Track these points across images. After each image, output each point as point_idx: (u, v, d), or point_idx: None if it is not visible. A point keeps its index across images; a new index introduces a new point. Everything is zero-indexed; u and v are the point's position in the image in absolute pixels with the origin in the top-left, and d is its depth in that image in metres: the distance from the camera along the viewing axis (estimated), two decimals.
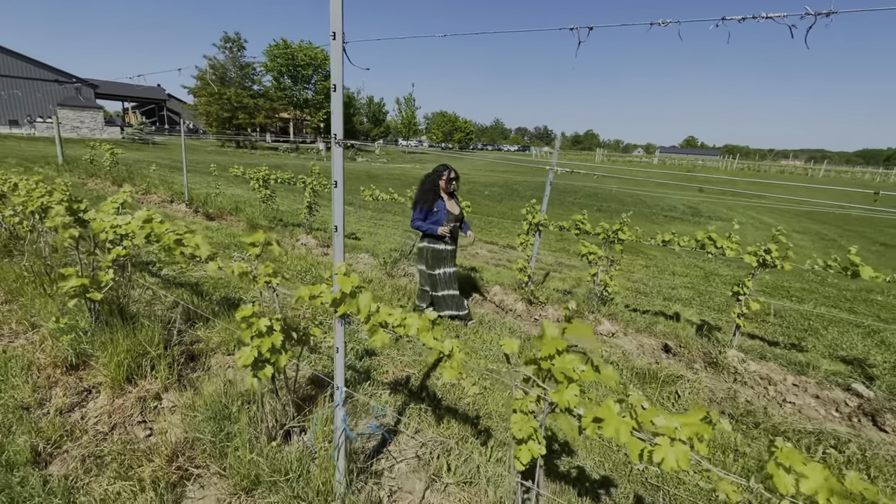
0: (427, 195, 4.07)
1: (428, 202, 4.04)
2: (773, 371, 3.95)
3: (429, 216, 4.04)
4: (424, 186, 4.13)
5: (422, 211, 4.04)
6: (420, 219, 4.06)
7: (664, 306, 5.60)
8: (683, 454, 1.01)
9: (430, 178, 4.14)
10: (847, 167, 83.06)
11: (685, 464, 1.01)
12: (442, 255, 4.15)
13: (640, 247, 9.12)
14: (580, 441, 2.66)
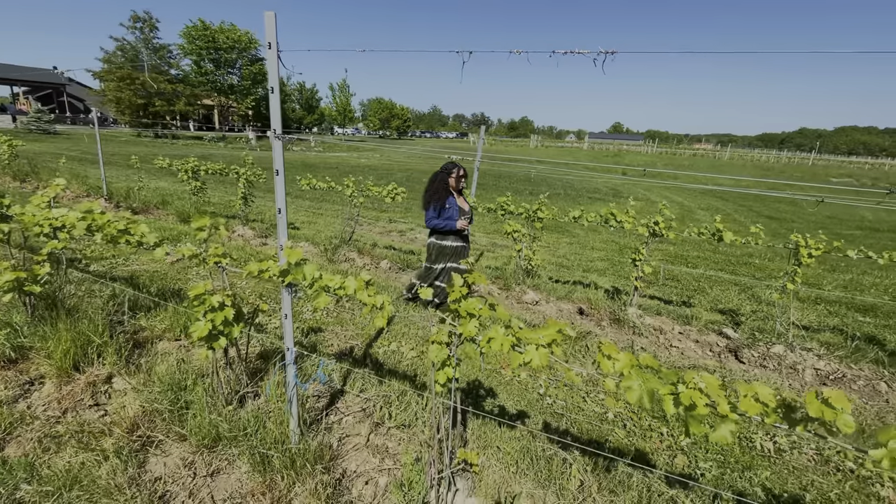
0: (439, 193, 4.10)
1: (441, 200, 4.07)
2: (665, 323, 4.71)
3: (442, 213, 4.09)
4: (435, 185, 4.14)
5: (435, 209, 4.08)
6: (434, 217, 4.09)
7: (583, 277, 6.31)
8: (544, 354, 1.45)
9: (440, 175, 4.16)
10: (748, 149, 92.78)
11: (545, 360, 1.45)
12: (447, 252, 4.20)
13: (565, 226, 9.95)
14: (502, 387, 3.14)
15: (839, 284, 6.82)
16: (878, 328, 4.99)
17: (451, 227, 4.11)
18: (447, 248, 4.20)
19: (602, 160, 35.30)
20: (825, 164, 49.85)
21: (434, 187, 4.15)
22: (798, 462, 2.64)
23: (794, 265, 4.09)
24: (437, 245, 4.21)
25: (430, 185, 4.21)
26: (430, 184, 4.22)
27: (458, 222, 4.11)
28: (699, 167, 33.72)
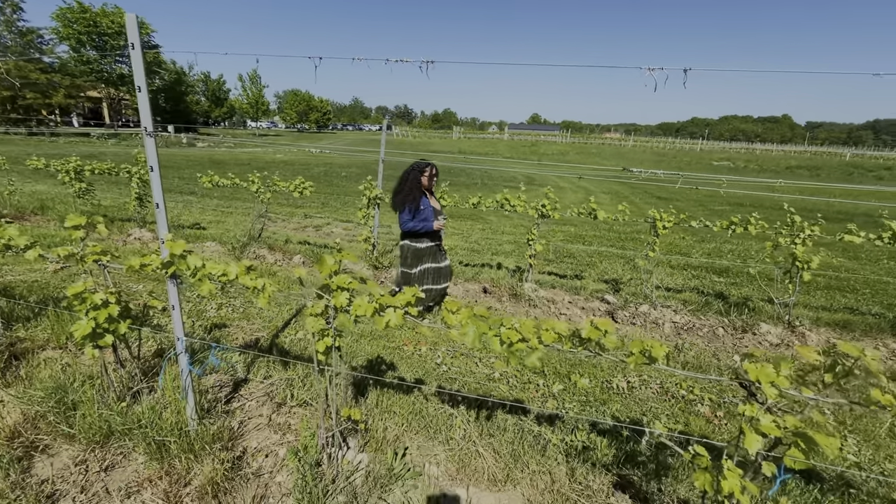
0: (413, 193, 3.93)
1: (415, 201, 3.91)
2: (557, 295, 5.29)
3: (416, 214, 3.93)
4: (408, 185, 3.95)
5: (410, 211, 3.91)
6: (409, 219, 3.93)
7: (491, 259, 6.79)
8: (399, 315, 1.72)
9: (412, 174, 3.98)
10: (650, 137, 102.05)
11: (400, 320, 1.72)
12: (422, 253, 4.09)
13: (479, 214, 10.49)
14: (403, 361, 3.42)
15: (704, 252, 8.00)
16: (726, 286, 5.99)
17: (428, 228, 3.97)
18: (422, 250, 4.07)
19: (520, 150, 36.98)
20: (710, 150, 56.36)
21: (407, 187, 3.94)
22: (643, 395, 3.22)
23: (653, 236, 4.80)
24: (412, 248, 4.07)
25: (402, 184, 3.98)
26: (401, 183, 4.00)
27: (435, 223, 4.00)
28: (605, 155, 36.66)
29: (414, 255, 4.11)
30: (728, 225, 4.62)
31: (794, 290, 4.43)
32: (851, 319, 4.92)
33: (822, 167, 34.39)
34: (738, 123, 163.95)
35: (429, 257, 4.15)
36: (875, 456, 2.73)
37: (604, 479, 2.33)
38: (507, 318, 1.66)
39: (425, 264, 4.15)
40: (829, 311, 5.23)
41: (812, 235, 4.32)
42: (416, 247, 4.09)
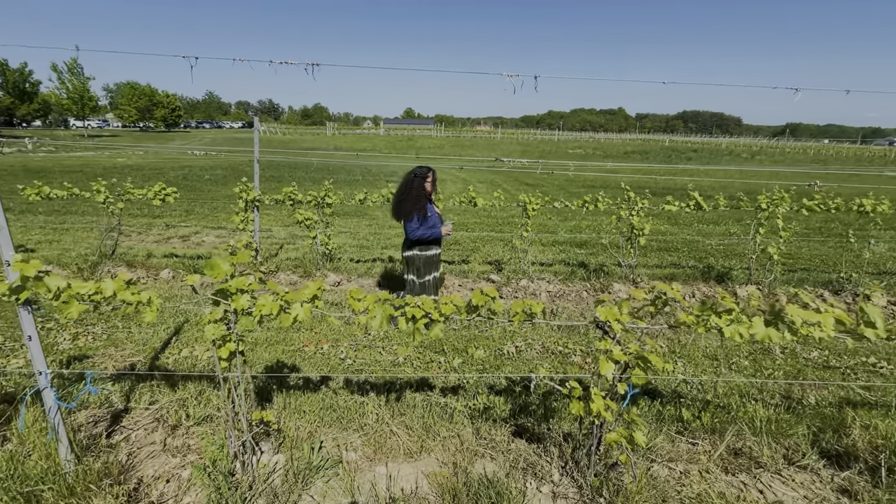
0: (420, 201, 3.84)
1: (423, 208, 3.83)
2: (447, 279, 5.64)
3: (423, 222, 3.83)
4: (414, 192, 3.84)
5: (418, 219, 3.81)
6: (418, 227, 3.82)
7: (381, 254, 6.90)
8: (307, 308, 1.79)
9: (415, 182, 3.87)
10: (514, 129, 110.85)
11: (308, 313, 1.78)
12: (433, 260, 4.02)
13: (365, 210, 10.47)
14: (306, 361, 3.40)
15: (567, 229, 9.16)
16: (586, 256, 6.98)
17: (437, 235, 3.93)
18: (434, 256, 4.01)
19: (398, 145, 37.30)
20: (566, 140, 63.44)
21: (412, 195, 3.85)
22: (529, 356, 3.70)
23: (525, 218, 5.41)
24: (423, 256, 3.97)
25: (406, 192, 3.88)
26: (405, 192, 3.90)
27: (443, 229, 4.00)
28: (478, 147, 38.96)
29: (426, 264, 4.01)
30: (582, 204, 5.42)
31: (634, 254, 5.41)
32: (676, 272, 6.17)
33: (650, 151, 41.27)
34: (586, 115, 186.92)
35: (436, 265, 4.10)
36: (696, 372, 3.56)
37: (504, 431, 2.67)
38: (409, 298, 1.83)
39: (434, 272, 4.09)
40: (661, 268, 6.46)
41: (643, 208, 5.31)
42: (426, 255, 3.99)
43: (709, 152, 42.03)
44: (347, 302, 1.82)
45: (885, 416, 2.77)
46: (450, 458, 2.46)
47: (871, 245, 6.08)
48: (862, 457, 2.44)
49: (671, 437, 2.69)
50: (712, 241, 8.36)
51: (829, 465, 2.48)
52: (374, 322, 1.80)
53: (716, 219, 10.51)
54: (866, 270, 6.29)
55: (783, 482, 2.35)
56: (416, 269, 4.01)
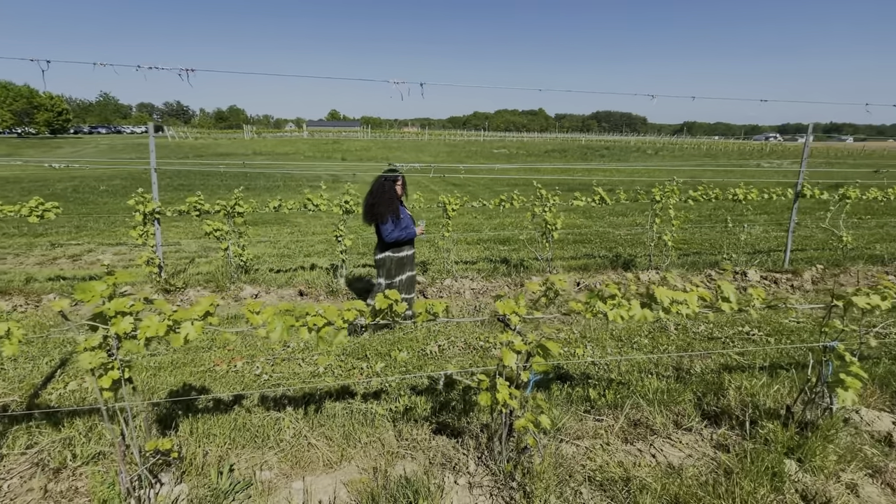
0: (393, 204, 3.96)
1: (396, 211, 3.95)
2: (371, 284, 5.60)
3: (397, 224, 3.95)
4: (386, 196, 3.96)
5: (392, 221, 3.93)
6: (393, 229, 3.93)
7: (304, 262, 6.68)
8: (199, 326, 1.70)
9: (386, 185, 4.00)
10: (442, 130, 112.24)
11: (200, 331, 1.70)
12: (405, 262, 4.16)
13: (286, 217, 10.05)
14: (217, 381, 3.21)
15: (491, 227, 9.47)
16: (508, 252, 7.27)
17: (411, 235, 4.07)
18: (406, 258, 4.15)
19: (323, 148, 36.17)
20: (491, 140, 65.39)
21: (385, 199, 3.96)
22: (452, 353, 3.79)
23: (446, 218, 5.52)
24: (396, 258, 4.10)
25: (379, 196, 3.98)
26: (377, 195, 3.99)
27: (417, 228, 4.16)
28: (405, 149, 38.90)
29: (398, 265, 4.14)
30: (499, 202, 5.64)
31: (549, 248, 5.73)
32: (588, 262, 6.63)
33: (568, 149, 43.83)
34: (509, 116, 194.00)
35: (409, 265, 4.24)
36: (603, 353, 3.86)
37: (425, 430, 2.71)
38: (310, 307, 1.81)
39: (407, 272, 4.22)
40: (576, 259, 6.91)
41: (555, 204, 5.64)
42: (398, 256, 4.12)
43: (619, 149, 45.54)
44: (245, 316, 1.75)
45: (751, 377, 3.20)
46: (370, 463, 2.45)
47: (746, 229, 6.97)
48: (735, 414, 2.80)
49: (580, 416, 2.89)
50: (621, 231, 9.08)
51: (710, 424, 2.82)
52: (273, 335, 1.76)
53: (624, 211, 11.43)
54: (744, 250, 7.21)
55: (672, 445, 2.64)
56: (387, 271, 4.13)
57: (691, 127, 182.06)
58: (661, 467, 2.44)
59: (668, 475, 2.35)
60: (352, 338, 3.98)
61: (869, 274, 6.41)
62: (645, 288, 1.98)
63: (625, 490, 2.23)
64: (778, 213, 11.02)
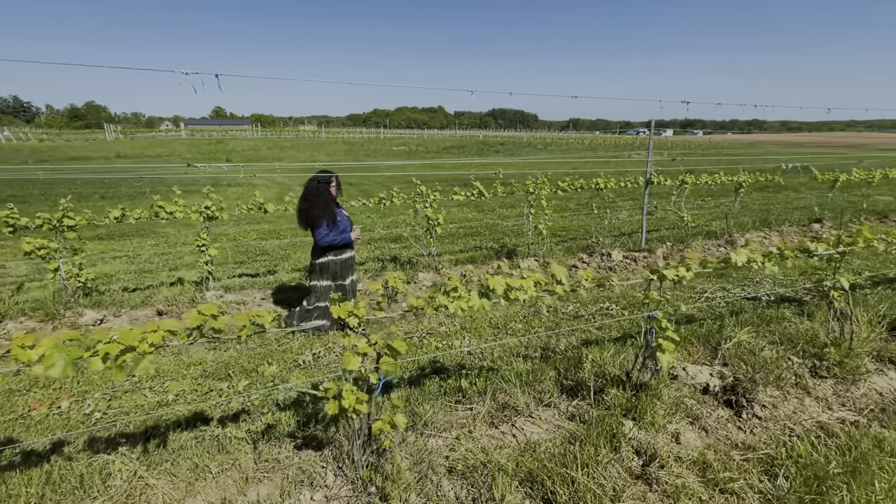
0: (328, 206, 3.88)
1: (331, 214, 3.86)
2: (249, 295, 5.18)
3: (333, 228, 3.85)
4: (321, 198, 3.88)
5: (328, 225, 3.83)
6: (328, 232, 3.83)
7: (170, 276, 5.96)
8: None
9: (321, 187, 3.92)
10: (341, 128, 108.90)
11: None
12: (349, 263, 4.11)
13: (151, 227, 8.92)
14: (34, 427, 2.69)
15: (384, 225, 9.37)
16: (399, 250, 7.24)
17: (347, 240, 3.97)
18: (349, 259, 4.10)
19: (204, 149, 32.88)
20: (391, 137, 65.01)
21: (320, 202, 3.86)
22: (328, 360, 3.63)
23: None
24: (338, 261, 4.00)
25: (313, 199, 3.88)
26: (311, 198, 3.89)
27: (353, 233, 4.04)
28: (299, 148, 36.97)
29: (343, 267, 4.06)
30: (379, 200, 5.56)
31: (434, 243, 5.80)
32: (476, 255, 6.85)
33: (466, 145, 45.24)
34: (409, 113, 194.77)
35: (352, 269, 4.18)
36: (479, 342, 3.99)
37: (289, 447, 2.55)
38: (102, 333, 1.55)
39: (352, 276, 4.17)
40: (464, 252, 7.10)
41: (436, 200, 5.71)
42: (342, 258, 4.04)
43: (513, 144, 48.19)
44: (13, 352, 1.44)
45: (604, 349, 3.53)
46: (220, 494, 2.23)
47: (610, 214, 7.75)
48: (588, 385, 3.06)
49: (451, 407, 2.94)
50: (509, 223, 9.56)
51: (568, 398, 3.04)
52: (53, 371, 1.48)
53: (513, 203, 12.06)
54: (611, 234, 8.01)
55: (533, 422, 2.80)
56: (334, 273, 4.04)
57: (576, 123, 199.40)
58: (521, 446, 2.57)
59: (525, 452, 2.48)
60: (215, 356, 3.62)
61: (706, 247, 7.53)
62: (481, 279, 2.04)
63: (485, 475, 2.30)
64: (640, 199, 12.49)
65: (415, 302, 1.98)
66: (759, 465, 2.42)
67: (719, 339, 3.67)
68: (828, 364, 3.32)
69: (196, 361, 3.55)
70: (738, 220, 8.81)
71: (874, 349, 3.55)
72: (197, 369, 3.44)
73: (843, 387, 3.19)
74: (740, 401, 2.97)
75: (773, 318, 4.13)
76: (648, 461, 2.41)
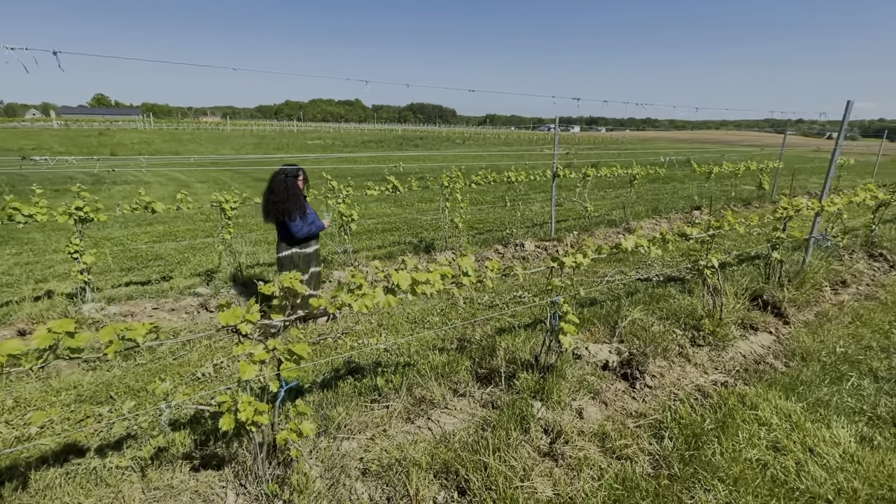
0: (300, 200, 3.91)
1: (303, 207, 3.91)
2: (137, 305, 4.63)
3: (305, 220, 3.91)
4: (291, 192, 3.86)
5: (301, 217, 3.88)
6: (303, 225, 3.89)
7: (36, 289, 5.12)
8: None
9: (288, 182, 3.89)
10: (249, 120, 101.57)
11: None
12: (312, 256, 4.12)
13: (12, 233, 7.60)
14: None
15: None
16: None
17: (321, 228, 4.08)
18: (312, 253, 4.11)
19: (82, 142, 28.80)
20: (305, 131, 62.07)
21: (290, 195, 3.86)
22: (232, 370, 3.36)
23: (225, 219, 4.88)
24: (301, 254, 4.03)
25: (282, 193, 3.85)
26: (280, 192, 3.85)
27: (325, 221, 4.16)
28: (201, 141, 33.84)
29: (305, 260, 4.06)
30: None
31: (348, 240, 5.63)
32: (394, 250, 6.78)
33: (385, 140, 44.63)
34: (325, 106, 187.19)
35: (315, 261, 4.16)
36: (396, 338, 3.95)
37: (184, 469, 2.31)
38: None
39: (312, 268, 4.14)
40: (382, 248, 6.99)
41: (349, 195, 5.54)
42: (305, 252, 4.06)
43: (432, 139, 48.52)
44: None
45: (516, 336, 3.68)
46: None
47: (522, 207, 8.11)
48: (502, 371, 3.16)
49: (367, 407, 2.87)
50: (427, 217, 9.59)
51: (482, 386, 3.12)
52: None
53: (431, 197, 12.12)
54: (525, 225, 8.39)
55: (449, 413, 2.83)
56: (296, 267, 3.99)
57: (493, 119, 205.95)
58: (436, 438, 2.59)
59: (440, 444, 2.50)
60: (95, 377, 3.17)
61: (607, 234, 8.18)
62: (386, 275, 2.00)
63: (400, 472, 2.28)
64: (550, 192, 13.24)
65: (316, 302, 1.88)
66: (649, 430, 2.68)
67: (617, 319, 4.00)
68: (704, 333, 3.77)
69: (68, 385, 3.09)
70: (634, 210, 9.69)
71: (739, 318, 4.10)
72: (69, 394, 2.99)
73: (716, 352, 3.65)
74: (634, 373, 3.26)
75: (661, 296, 4.60)
76: (555, 438, 2.56)
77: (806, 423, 2.70)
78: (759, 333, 3.99)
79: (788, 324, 4.20)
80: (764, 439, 2.57)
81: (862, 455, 2.46)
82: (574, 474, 2.32)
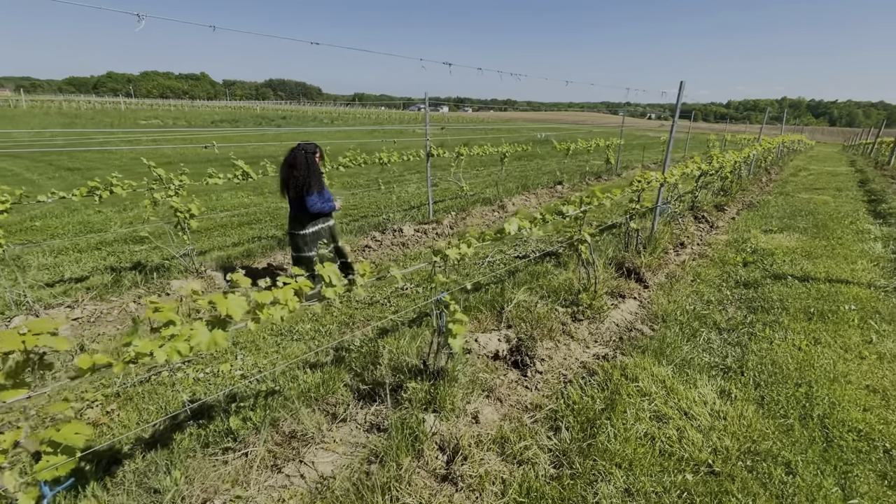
0: (319, 175, 3.92)
1: (321, 182, 3.92)
2: None
3: (321, 196, 3.90)
4: (311, 168, 3.84)
5: (318, 193, 3.87)
6: (319, 200, 3.88)
7: None
8: None
9: (308, 157, 3.87)
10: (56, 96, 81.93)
11: None
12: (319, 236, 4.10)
13: None
14: None
15: (126, 221, 7.21)
16: (147, 252, 5.60)
17: (333, 207, 4.09)
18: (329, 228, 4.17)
19: None
20: (137, 108, 52.36)
21: (311, 170, 3.83)
22: None
23: None
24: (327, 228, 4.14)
25: (303, 168, 3.81)
26: (300, 168, 3.80)
27: (336, 203, 4.15)
28: None
29: (312, 238, 4.02)
30: (88, 191, 4.02)
31: (189, 240, 4.59)
32: (253, 247, 5.82)
33: (241, 119, 39.86)
34: (162, 80, 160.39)
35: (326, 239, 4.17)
36: (258, 358, 3.26)
37: None
38: None
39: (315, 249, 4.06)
40: (239, 245, 5.97)
41: (183, 185, 4.48)
42: (328, 225, 4.13)
43: (297, 118, 44.95)
44: None
45: (401, 336, 3.29)
46: None
47: (397, 189, 7.69)
48: (387, 382, 2.75)
49: (219, 459, 2.23)
50: None
51: (366, 404, 2.67)
52: None
53: None
54: (402, 208, 8.00)
55: (326, 448, 2.34)
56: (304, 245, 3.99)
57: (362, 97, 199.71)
58: (312, 488, 2.09)
59: (316, 496, 2.01)
60: None
61: (483, 213, 8.24)
62: (212, 305, 1.40)
63: None
64: (425, 172, 13.06)
65: (83, 363, 1.21)
66: (546, 424, 2.55)
67: (503, 303, 3.87)
68: (582, 308, 3.85)
69: None
70: (506, 187, 9.99)
71: (610, 287, 4.31)
72: None
73: (595, 325, 3.75)
74: (524, 360, 3.14)
75: (540, 273, 4.64)
76: (452, 456, 2.25)
77: (678, 387, 2.85)
78: (626, 301, 4.24)
79: (647, 288, 4.56)
80: (647, 411, 2.62)
81: (725, 410, 2.65)
82: (476, 496, 2.04)
